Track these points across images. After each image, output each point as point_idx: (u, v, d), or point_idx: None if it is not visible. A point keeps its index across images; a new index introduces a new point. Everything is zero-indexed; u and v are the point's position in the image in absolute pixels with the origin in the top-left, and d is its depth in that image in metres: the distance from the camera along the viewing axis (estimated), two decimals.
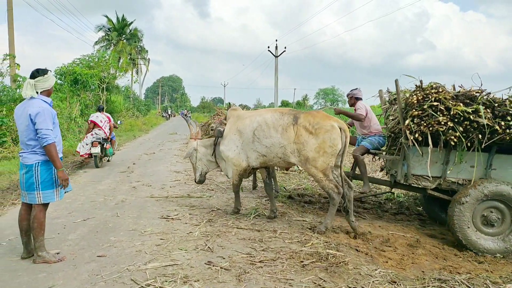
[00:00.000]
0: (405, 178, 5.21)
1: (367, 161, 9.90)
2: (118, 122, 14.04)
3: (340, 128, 4.95)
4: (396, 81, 5.17)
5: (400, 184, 5.43)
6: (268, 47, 34.40)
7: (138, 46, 51.07)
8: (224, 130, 5.59)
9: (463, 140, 4.74)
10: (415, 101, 4.90)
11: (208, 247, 4.30)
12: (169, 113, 56.20)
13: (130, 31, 49.40)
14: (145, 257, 3.99)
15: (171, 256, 4.02)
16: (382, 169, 6.41)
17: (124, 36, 48.73)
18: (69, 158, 11.73)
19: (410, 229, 5.59)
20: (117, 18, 48.31)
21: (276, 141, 5.06)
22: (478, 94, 4.82)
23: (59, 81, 19.03)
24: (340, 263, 3.88)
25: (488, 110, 4.70)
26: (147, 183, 8.13)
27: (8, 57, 12.90)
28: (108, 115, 11.13)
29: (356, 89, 6.43)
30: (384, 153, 5.95)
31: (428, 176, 5.12)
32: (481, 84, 4.93)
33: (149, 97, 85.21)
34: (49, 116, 3.74)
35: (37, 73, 3.84)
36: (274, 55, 34.25)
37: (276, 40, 36.62)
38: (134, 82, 48.09)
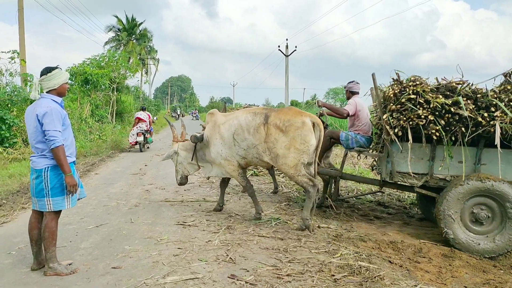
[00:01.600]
0: (390, 175, 5.02)
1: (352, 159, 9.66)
2: (155, 118, 17.93)
3: (313, 124, 4.89)
4: (373, 75, 4.99)
5: (389, 183, 5.24)
6: (279, 46, 34.05)
7: (148, 46, 51.08)
8: (200, 136, 5.62)
9: (443, 134, 4.53)
10: (392, 95, 4.74)
11: (230, 258, 4.00)
12: (178, 113, 56.11)
13: (140, 31, 49.39)
14: (163, 269, 3.70)
15: (191, 268, 3.73)
16: (373, 169, 6.16)
17: (134, 36, 48.72)
18: (80, 159, 11.53)
19: (440, 237, 5.23)
20: (127, 18, 48.33)
21: (250, 142, 5.10)
22: (459, 86, 4.62)
23: (70, 81, 18.93)
24: (375, 277, 3.56)
25: (470, 102, 4.49)
26: (160, 186, 7.87)
27: (14, 54, 12.69)
28: (148, 113, 14.70)
29: (353, 82, 6.03)
30: (370, 150, 5.68)
31: (414, 174, 4.91)
32: (462, 76, 4.72)
33: (158, 97, 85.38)
34: (57, 117, 3.45)
35: (42, 72, 3.59)
36: (285, 55, 33.91)
37: (287, 40, 36.35)
38: (145, 83, 48.03)
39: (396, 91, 4.72)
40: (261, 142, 4.98)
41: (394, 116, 4.75)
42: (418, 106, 4.57)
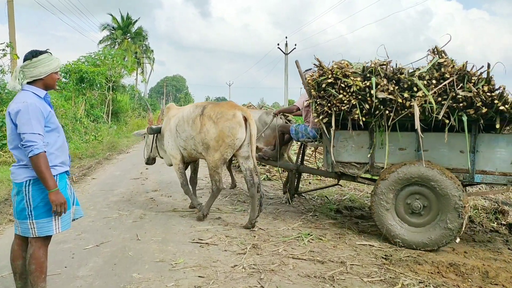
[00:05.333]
0: (332, 166, 4.81)
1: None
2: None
3: (245, 118, 4.91)
4: (296, 62, 4.97)
5: (345, 175, 4.91)
6: (278, 44, 33.32)
7: (143, 45, 50.10)
8: (156, 128, 5.82)
9: (361, 118, 4.30)
10: (312, 81, 4.59)
11: None
12: None
13: (135, 30, 48.40)
14: None
15: None
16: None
17: (129, 35, 47.72)
18: (76, 162, 10.67)
19: (501, 254, 4.47)
20: (122, 16, 47.33)
21: (188, 133, 5.19)
22: (380, 67, 4.31)
23: (64, 79, 18.02)
24: None
25: (391, 83, 4.17)
26: (166, 193, 7.05)
27: (7, 47, 11.76)
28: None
29: (310, 69, 5.26)
30: (313, 141, 5.41)
31: (355, 163, 4.72)
32: (387, 57, 4.40)
33: (153, 97, 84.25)
34: (36, 115, 2.62)
35: (26, 57, 2.76)
36: (284, 53, 33.19)
37: (286, 38, 35.65)
38: (142, 81, 47.02)
39: (316, 77, 4.54)
40: (197, 133, 5.05)
41: (318, 103, 4.56)
42: (341, 91, 4.36)
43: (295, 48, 32.98)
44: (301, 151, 6.08)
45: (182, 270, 3.63)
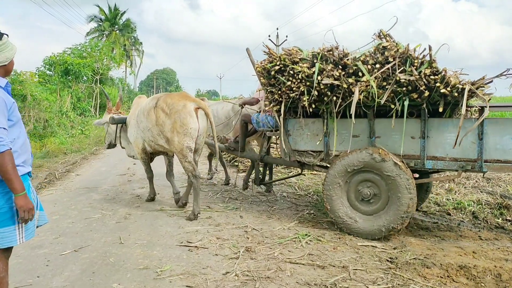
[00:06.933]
0: (288, 155, 4.77)
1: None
2: None
3: (198, 109, 4.97)
4: (247, 49, 5.01)
5: (306, 164, 4.81)
6: (269, 36, 32.88)
7: (132, 38, 49.14)
8: (118, 118, 5.86)
9: (306, 104, 4.22)
10: (261, 69, 4.54)
11: None
12: None
13: (123, 22, 47.41)
14: None
15: None
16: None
17: (117, 26, 46.71)
18: (60, 158, 10.23)
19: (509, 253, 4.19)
20: (109, 8, 46.30)
21: (145, 125, 5.23)
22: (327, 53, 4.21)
23: (48, 72, 17.44)
24: None
25: (337, 68, 4.08)
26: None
27: None
28: None
29: None
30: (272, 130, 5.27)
31: (312, 151, 4.64)
32: (337, 44, 4.29)
33: (143, 90, 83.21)
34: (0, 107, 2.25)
35: None
36: (276, 45, 32.67)
37: (277, 29, 35.14)
38: (130, 74, 46.15)
39: (265, 64, 4.49)
40: (154, 125, 5.08)
41: (269, 90, 4.53)
42: (290, 78, 4.29)
43: (286, 39, 32.54)
44: (266, 141, 5.89)
45: (168, 278, 3.27)
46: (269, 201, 5.94)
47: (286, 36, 33.16)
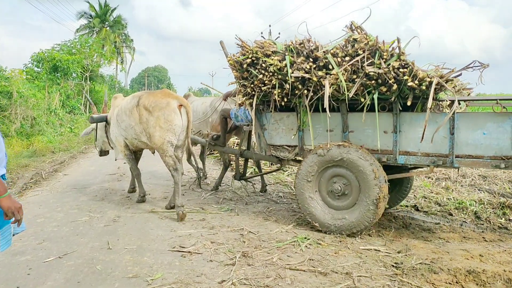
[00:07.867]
0: (264, 150, 4.76)
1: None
2: None
3: (181, 106, 4.98)
4: (221, 42, 4.98)
5: (285, 160, 4.79)
6: (262, 33, 32.54)
7: (123, 34, 48.53)
8: (97, 117, 5.84)
9: (276, 98, 4.17)
10: (233, 62, 4.47)
11: None
12: None
13: (114, 18, 46.79)
14: None
15: None
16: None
17: (107, 23, 46.07)
18: (47, 157, 9.91)
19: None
20: (100, 4, 45.62)
21: (127, 123, 5.25)
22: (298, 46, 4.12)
23: (36, 69, 17.03)
24: None
25: (308, 61, 3.98)
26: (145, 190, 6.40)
27: None
28: None
29: None
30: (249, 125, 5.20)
31: (287, 146, 4.61)
32: (310, 36, 4.23)
33: (135, 88, 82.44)
34: None
35: None
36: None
37: (270, 26, 34.74)
38: (121, 71, 45.53)
39: (237, 57, 4.43)
40: (137, 123, 5.10)
41: (242, 84, 4.49)
42: (262, 71, 4.22)
43: (279, 36, 32.10)
44: (246, 136, 5.83)
45: None
46: (265, 201, 5.72)
47: (279, 33, 32.50)
